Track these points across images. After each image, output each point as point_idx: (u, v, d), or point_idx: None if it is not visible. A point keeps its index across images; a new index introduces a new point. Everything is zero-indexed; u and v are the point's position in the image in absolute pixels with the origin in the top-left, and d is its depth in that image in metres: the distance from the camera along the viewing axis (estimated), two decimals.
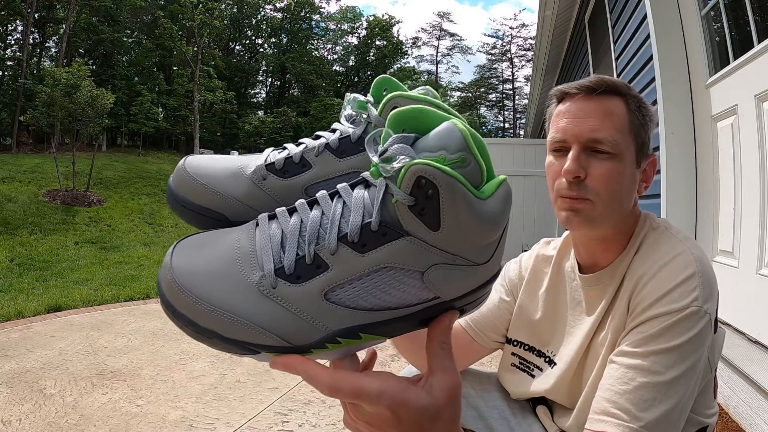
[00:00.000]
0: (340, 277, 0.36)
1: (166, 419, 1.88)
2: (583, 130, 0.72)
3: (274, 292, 0.37)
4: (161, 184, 14.48)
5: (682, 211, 2.40)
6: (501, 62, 44.04)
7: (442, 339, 0.39)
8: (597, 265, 0.78)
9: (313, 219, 0.37)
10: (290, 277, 0.37)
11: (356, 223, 0.36)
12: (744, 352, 1.70)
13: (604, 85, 0.73)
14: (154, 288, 4.52)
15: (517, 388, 0.88)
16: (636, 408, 0.61)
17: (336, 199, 0.38)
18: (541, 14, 5.60)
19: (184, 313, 0.38)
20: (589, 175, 0.71)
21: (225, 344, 0.37)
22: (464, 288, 0.38)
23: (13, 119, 19.42)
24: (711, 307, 0.65)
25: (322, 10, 37.84)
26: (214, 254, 0.39)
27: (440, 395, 0.38)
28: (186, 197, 0.47)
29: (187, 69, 25.99)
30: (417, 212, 0.34)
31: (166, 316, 0.40)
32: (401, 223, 0.35)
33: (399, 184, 0.34)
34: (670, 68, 2.46)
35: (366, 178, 0.38)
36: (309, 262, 0.37)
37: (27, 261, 6.66)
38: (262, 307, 0.37)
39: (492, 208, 0.35)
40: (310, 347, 0.37)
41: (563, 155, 0.74)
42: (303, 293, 0.37)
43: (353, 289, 0.36)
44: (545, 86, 8.18)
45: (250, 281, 0.37)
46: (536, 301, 0.88)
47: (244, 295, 0.37)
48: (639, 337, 0.65)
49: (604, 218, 0.73)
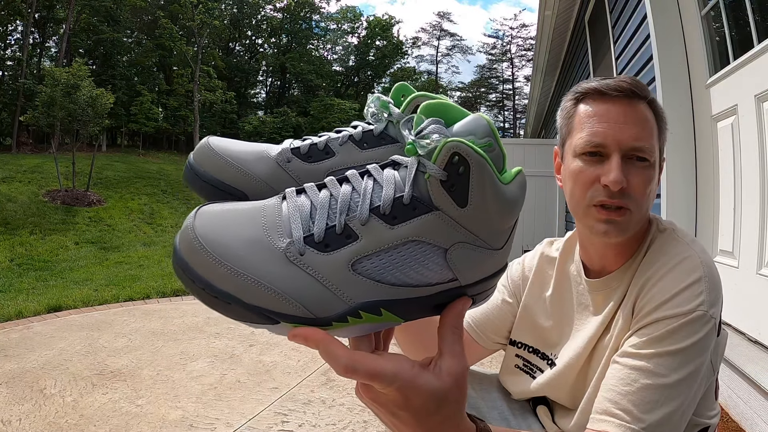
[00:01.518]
0: (368, 247, 0.37)
1: (166, 419, 1.88)
2: (626, 137, 0.69)
3: (301, 259, 0.37)
4: (161, 184, 14.48)
5: (682, 211, 2.40)
6: (501, 62, 44.06)
7: (454, 324, 0.40)
8: (605, 269, 0.78)
9: (344, 193, 0.39)
10: (319, 245, 0.37)
11: (389, 196, 0.37)
12: (744, 352, 1.70)
13: (641, 90, 0.72)
14: (154, 288, 4.52)
15: (517, 388, 0.88)
16: (638, 409, 0.61)
17: (366, 177, 0.40)
18: (541, 14, 5.60)
19: (201, 275, 0.36)
20: (629, 184, 0.69)
21: (243, 311, 0.36)
22: (480, 273, 0.40)
23: (13, 119, 19.42)
24: (716, 312, 0.65)
25: (322, 10, 37.83)
26: (239, 219, 0.39)
27: (447, 379, 0.39)
28: (208, 172, 0.48)
29: (187, 69, 25.99)
30: (447, 188, 0.36)
31: (181, 278, 0.38)
32: (431, 198, 0.37)
33: (434, 160, 0.36)
34: (670, 68, 2.46)
35: (395, 160, 0.40)
36: (339, 231, 0.37)
37: (27, 261, 6.66)
38: (287, 274, 0.36)
39: (512, 193, 0.38)
40: (331, 320, 0.37)
41: (598, 161, 0.71)
42: (331, 262, 0.37)
43: (380, 260, 0.37)
44: (545, 86, 8.18)
45: (277, 247, 0.37)
46: (541, 303, 0.87)
47: (269, 260, 0.37)
48: (643, 338, 0.65)
49: (637, 226, 0.72)
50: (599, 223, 0.71)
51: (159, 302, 4.11)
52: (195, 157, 0.49)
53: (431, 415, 0.39)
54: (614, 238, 0.72)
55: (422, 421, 0.40)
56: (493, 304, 0.94)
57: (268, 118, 29.01)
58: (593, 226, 0.72)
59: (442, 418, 0.40)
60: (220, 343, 2.87)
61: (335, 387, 2.22)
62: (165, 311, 3.74)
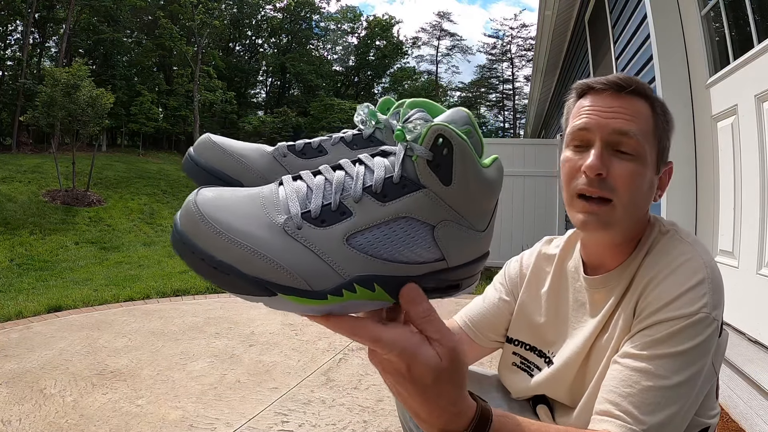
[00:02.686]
0: (362, 223, 0.40)
1: (166, 419, 1.88)
2: (609, 123, 0.70)
3: (299, 233, 0.39)
4: (161, 184, 14.47)
5: (682, 211, 2.40)
6: (501, 62, 44.03)
7: (414, 313, 0.42)
8: (604, 267, 0.78)
9: (338, 176, 0.42)
10: (315, 221, 0.40)
11: (380, 177, 0.41)
12: (744, 352, 1.70)
13: (633, 85, 0.72)
14: (154, 288, 4.52)
15: (517, 387, 0.88)
16: (639, 411, 0.60)
17: (358, 164, 0.43)
18: (541, 14, 5.60)
19: (201, 246, 0.37)
20: (611, 175, 0.69)
21: (242, 282, 0.38)
22: (466, 255, 0.43)
23: (13, 119, 19.42)
24: (719, 314, 0.65)
25: (322, 10, 37.82)
26: (239, 198, 0.41)
27: (444, 358, 0.42)
28: (208, 162, 0.52)
29: (187, 69, 25.98)
30: (433, 167, 0.40)
31: (180, 251, 0.39)
32: (419, 177, 0.41)
33: (420, 141, 0.40)
34: (670, 68, 2.46)
35: (384, 150, 0.44)
36: (334, 208, 0.40)
37: (27, 261, 6.66)
38: (286, 246, 0.39)
39: (491, 176, 0.43)
40: (327, 293, 0.39)
41: (584, 151, 0.72)
42: (327, 235, 0.39)
43: (372, 235, 0.40)
44: (545, 86, 8.18)
45: (276, 222, 0.39)
46: (538, 300, 0.87)
47: (269, 233, 0.39)
48: (645, 340, 0.65)
49: (621, 222, 0.71)
50: (579, 213, 0.72)
51: (159, 302, 4.11)
52: (195, 149, 0.53)
53: (429, 387, 0.42)
54: (594, 231, 0.72)
55: (421, 391, 0.43)
56: (489, 303, 0.94)
57: (268, 118, 29.01)
58: (575, 216, 0.73)
59: (439, 391, 0.43)
60: (220, 343, 2.87)
61: (335, 387, 2.22)
62: (165, 311, 3.74)
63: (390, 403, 2.01)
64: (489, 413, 0.49)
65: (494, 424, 0.49)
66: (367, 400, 2.05)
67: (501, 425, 0.50)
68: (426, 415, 0.45)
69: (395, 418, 1.85)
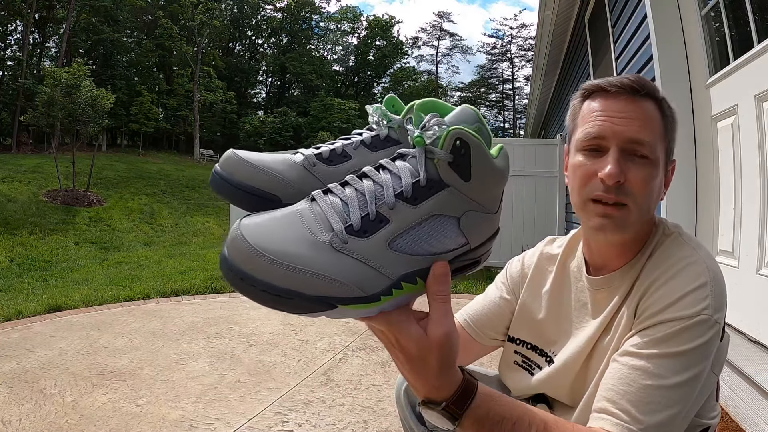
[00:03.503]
0: (399, 227, 0.44)
1: (166, 419, 1.88)
2: (625, 130, 0.69)
3: (346, 247, 0.42)
4: (161, 184, 14.48)
5: (682, 211, 2.40)
6: (501, 62, 44.05)
7: (434, 290, 0.46)
8: (607, 268, 0.78)
9: (368, 186, 0.45)
10: (359, 233, 0.43)
11: (408, 182, 0.44)
12: (744, 352, 1.70)
13: (646, 88, 0.71)
14: (154, 288, 4.52)
15: (517, 385, 0.88)
16: (637, 410, 0.60)
17: (382, 170, 0.46)
18: (541, 14, 5.60)
19: (260, 278, 0.40)
20: (627, 180, 0.69)
21: (304, 303, 0.41)
22: (484, 235, 0.48)
23: (13, 119, 19.43)
24: (720, 317, 0.64)
25: (322, 10, 37.81)
26: (280, 224, 0.43)
27: (430, 341, 0.47)
28: (241, 180, 0.52)
29: (187, 69, 25.98)
30: (454, 167, 0.44)
31: (237, 286, 0.41)
32: (442, 177, 0.45)
33: (441, 146, 0.44)
34: (670, 68, 2.46)
35: (402, 153, 0.47)
36: (372, 218, 0.44)
37: (27, 261, 6.66)
38: (337, 261, 0.42)
39: (501, 164, 0.47)
40: (379, 295, 0.43)
41: (597, 156, 0.71)
42: (371, 244, 0.43)
43: (410, 236, 0.44)
44: (545, 86, 8.18)
45: (322, 241, 0.42)
46: (539, 299, 0.87)
47: (319, 252, 0.42)
48: (645, 339, 0.64)
49: (635, 225, 0.71)
50: (595, 217, 0.71)
51: (159, 302, 4.11)
52: (222, 166, 0.54)
53: (415, 358, 0.47)
54: (610, 234, 0.71)
55: (408, 359, 0.48)
56: (490, 301, 0.94)
57: (268, 118, 29.00)
58: (590, 220, 0.73)
59: (424, 362, 0.48)
60: (220, 343, 2.88)
61: (335, 387, 2.22)
62: (165, 311, 3.74)
63: (390, 403, 2.01)
64: (473, 388, 0.52)
65: (476, 399, 0.52)
66: (367, 400, 2.05)
67: (483, 402, 0.53)
68: (413, 380, 0.51)
69: (395, 418, 1.85)
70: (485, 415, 0.53)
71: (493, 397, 0.54)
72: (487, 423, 0.53)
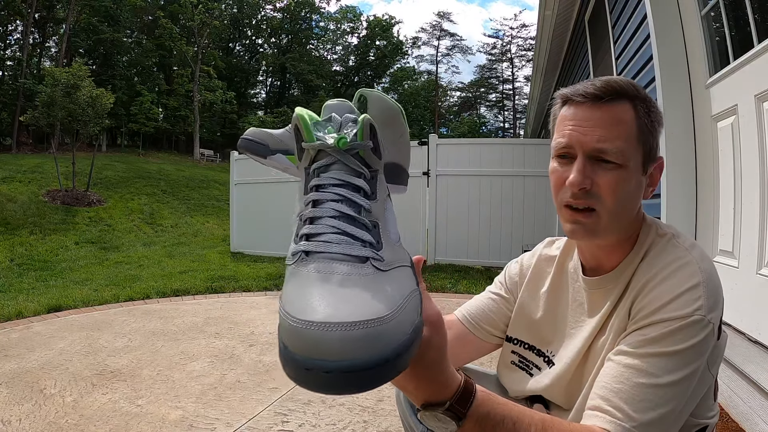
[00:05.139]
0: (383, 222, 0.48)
1: (166, 419, 1.89)
2: (588, 140, 0.70)
3: (384, 264, 0.45)
4: (161, 184, 14.48)
5: (682, 211, 2.40)
6: (501, 62, 44.04)
7: None
8: (601, 268, 0.78)
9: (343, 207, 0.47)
10: (378, 245, 0.46)
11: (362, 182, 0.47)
12: (744, 352, 1.70)
13: (612, 92, 0.70)
14: (154, 288, 4.52)
15: (515, 386, 0.89)
16: (630, 407, 0.61)
17: (333, 187, 0.48)
18: (541, 14, 5.60)
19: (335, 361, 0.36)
20: (595, 184, 0.70)
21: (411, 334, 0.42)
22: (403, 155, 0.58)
23: (13, 119, 19.43)
24: (715, 317, 0.65)
25: (322, 10, 37.82)
26: (313, 291, 0.41)
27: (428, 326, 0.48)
28: (260, 138, 0.69)
29: (187, 69, 25.99)
30: (374, 151, 0.48)
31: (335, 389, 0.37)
32: (371, 165, 0.49)
33: (360, 138, 0.46)
34: (670, 68, 2.46)
35: (326, 163, 0.49)
36: (372, 227, 0.47)
37: (27, 261, 6.66)
38: (383, 286, 0.43)
39: (382, 118, 0.52)
40: None
41: (568, 163, 0.73)
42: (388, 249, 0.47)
43: (390, 224, 0.49)
44: (545, 86, 8.18)
45: (366, 273, 0.43)
46: (537, 300, 0.88)
47: (372, 297, 0.41)
48: (639, 338, 0.65)
49: (609, 228, 0.72)
50: (567, 223, 0.74)
51: (159, 302, 4.11)
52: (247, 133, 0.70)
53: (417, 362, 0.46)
54: (581, 238, 0.74)
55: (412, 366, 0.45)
56: (489, 299, 0.95)
57: (268, 118, 29.02)
58: (564, 225, 0.75)
59: (427, 363, 0.48)
60: (220, 343, 2.88)
61: None
62: (165, 311, 3.74)
63: (390, 403, 2.01)
64: (472, 387, 0.52)
65: (478, 398, 0.52)
66: (367, 400, 2.05)
67: (484, 401, 0.53)
68: (413, 387, 0.50)
69: (395, 418, 1.85)
70: (487, 414, 0.53)
71: (491, 397, 0.55)
72: (489, 422, 0.53)
